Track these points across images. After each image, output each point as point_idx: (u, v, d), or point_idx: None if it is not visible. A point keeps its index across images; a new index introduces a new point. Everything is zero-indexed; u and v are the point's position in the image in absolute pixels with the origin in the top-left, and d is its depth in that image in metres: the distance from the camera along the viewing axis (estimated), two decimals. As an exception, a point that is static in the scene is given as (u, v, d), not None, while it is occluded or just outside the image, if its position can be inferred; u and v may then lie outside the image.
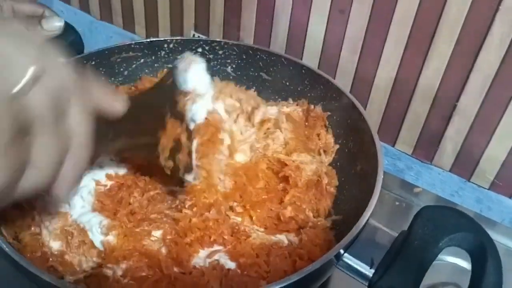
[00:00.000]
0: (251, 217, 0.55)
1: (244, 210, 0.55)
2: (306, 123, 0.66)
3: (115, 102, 0.41)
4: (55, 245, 0.51)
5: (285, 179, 0.58)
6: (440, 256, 0.62)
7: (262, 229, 0.55)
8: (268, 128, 0.63)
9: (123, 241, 0.50)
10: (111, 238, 0.51)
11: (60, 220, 0.52)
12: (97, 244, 0.51)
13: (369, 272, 0.44)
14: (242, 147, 0.60)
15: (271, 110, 0.65)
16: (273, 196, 0.57)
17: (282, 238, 0.54)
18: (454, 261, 0.63)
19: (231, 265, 0.50)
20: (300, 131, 0.64)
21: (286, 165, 0.59)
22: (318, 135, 0.65)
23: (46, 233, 0.51)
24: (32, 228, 0.52)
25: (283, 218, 0.55)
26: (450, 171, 0.75)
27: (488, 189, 0.73)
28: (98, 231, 0.51)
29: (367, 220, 0.47)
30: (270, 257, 0.50)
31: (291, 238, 0.54)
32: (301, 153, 0.60)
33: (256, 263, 0.49)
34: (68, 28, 0.69)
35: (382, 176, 0.50)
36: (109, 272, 0.48)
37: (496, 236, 0.69)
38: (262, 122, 0.63)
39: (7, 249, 0.43)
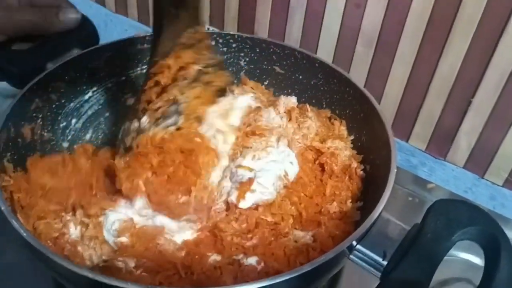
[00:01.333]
0: (300, 215, 0.54)
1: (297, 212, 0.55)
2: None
3: None
4: (74, 232, 0.51)
5: (321, 166, 0.59)
6: (453, 252, 0.62)
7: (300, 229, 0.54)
8: (297, 118, 0.63)
9: (136, 240, 0.50)
10: (124, 239, 0.50)
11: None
12: (110, 242, 0.51)
13: (382, 263, 0.44)
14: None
15: (292, 99, 0.65)
16: (316, 188, 0.57)
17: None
18: (467, 257, 0.63)
19: (252, 260, 0.49)
20: (324, 119, 0.65)
21: (322, 152, 0.59)
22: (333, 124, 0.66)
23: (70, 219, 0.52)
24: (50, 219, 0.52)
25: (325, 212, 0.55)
26: (463, 167, 0.75)
27: (502, 186, 0.73)
28: (111, 232, 0.51)
29: (380, 213, 0.47)
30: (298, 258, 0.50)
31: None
32: (335, 139, 0.61)
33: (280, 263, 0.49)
34: (85, 21, 0.69)
35: (396, 170, 0.50)
36: (121, 264, 0.48)
37: (509, 233, 0.69)
38: (289, 111, 0.63)
39: (24, 234, 0.43)
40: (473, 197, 0.75)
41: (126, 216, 0.52)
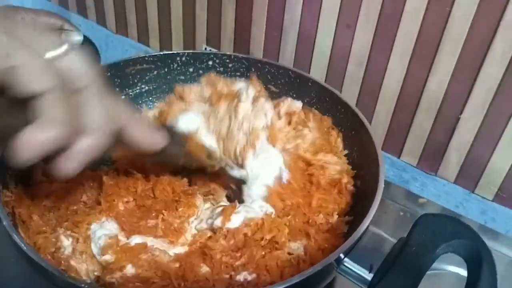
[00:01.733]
0: (289, 224, 0.55)
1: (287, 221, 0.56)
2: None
3: (155, 140, 0.44)
4: (67, 243, 0.53)
5: (309, 177, 0.60)
6: (442, 266, 0.64)
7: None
8: (295, 126, 0.65)
9: (121, 256, 0.51)
10: (108, 257, 0.51)
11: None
12: (98, 258, 0.52)
13: (368, 276, 0.45)
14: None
15: (296, 104, 0.67)
16: (303, 198, 0.59)
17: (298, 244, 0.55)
18: (456, 270, 0.64)
19: (243, 273, 0.50)
20: (324, 129, 0.67)
21: (311, 164, 0.61)
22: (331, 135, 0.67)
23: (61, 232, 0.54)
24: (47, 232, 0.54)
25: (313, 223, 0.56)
26: (454, 182, 0.76)
27: (492, 200, 0.74)
28: (98, 247, 0.52)
29: (367, 227, 0.48)
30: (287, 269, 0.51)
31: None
32: (327, 153, 0.62)
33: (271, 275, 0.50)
34: (86, 41, 0.72)
35: (383, 186, 0.52)
36: (112, 279, 0.49)
37: (500, 248, 0.71)
38: (289, 114, 0.65)
39: (25, 248, 0.45)
40: (464, 212, 0.76)
41: (111, 232, 0.53)
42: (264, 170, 0.59)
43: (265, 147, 0.60)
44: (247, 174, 0.59)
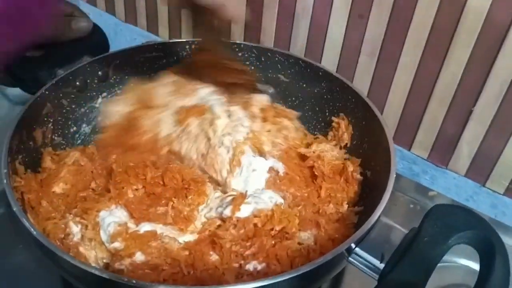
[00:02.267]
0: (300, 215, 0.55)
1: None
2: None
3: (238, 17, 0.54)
4: (77, 233, 0.53)
5: (310, 171, 0.60)
6: (453, 258, 0.64)
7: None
8: (273, 120, 0.64)
9: (130, 243, 0.51)
10: (117, 244, 0.51)
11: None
12: (107, 245, 0.52)
13: (379, 265, 0.45)
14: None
15: (264, 97, 0.66)
16: (311, 190, 0.59)
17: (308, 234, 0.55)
18: (467, 263, 0.64)
19: (253, 262, 0.50)
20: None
21: (307, 157, 0.61)
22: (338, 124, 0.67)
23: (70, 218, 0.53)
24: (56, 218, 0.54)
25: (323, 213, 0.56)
26: (465, 175, 0.75)
27: (503, 194, 0.73)
28: (107, 234, 0.52)
29: (379, 217, 0.48)
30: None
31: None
32: (320, 143, 0.63)
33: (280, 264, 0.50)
34: (95, 29, 0.72)
35: (395, 175, 0.52)
36: (122, 266, 0.49)
37: (510, 241, 0.70)
38: (262, 110, 0.65)
39: (35, 233, 0.45)
40: (475, 205, 0.76)
41: (120, 220, 0.53)
42: (253, 181, 0.59)
43: (250, 159, 0.60)
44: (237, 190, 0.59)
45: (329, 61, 0.80)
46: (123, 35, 1.09)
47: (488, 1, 0.62)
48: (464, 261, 0.63)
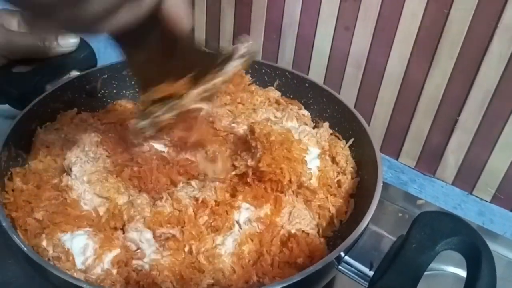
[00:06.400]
0: None
1: None
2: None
3: (183, 19, 0.43)
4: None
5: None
6: (441, 266, 0.64)
7: None
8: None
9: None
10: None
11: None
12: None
13: (369, 273, 0.45)
14: None
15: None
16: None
17: None
18: (455, 271, 0.64)
19: None
20: None
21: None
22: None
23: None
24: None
25: None
26: (452, 184, 0.76)
27: (490, 202, 0.74)
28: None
29: (367, 225, 0.49)
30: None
31: None
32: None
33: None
34: (83, 44, 0.72)
35: (382, 184, 0.52)
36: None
37: (498, 248, 0.71)
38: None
39: (25, 249, 0.45)
40: (462, 213, 0.76)
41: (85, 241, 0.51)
42: None
43: None
44: None
45: (317, 73, 0.81)
46: (112, 49, 1.09)
47: (470, 12, 0.64)
48: (452, 269, 0.64)
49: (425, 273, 0.44)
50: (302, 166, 0.55)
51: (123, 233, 0.53)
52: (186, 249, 0.50)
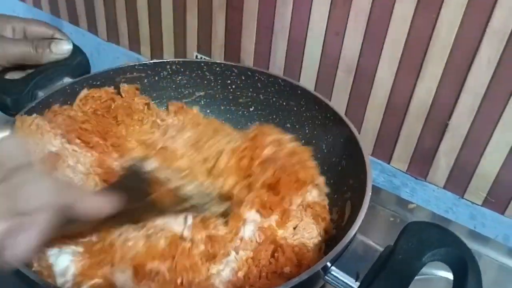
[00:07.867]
0: None
1: None
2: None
3: (104, 205, 0.43)
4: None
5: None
6: (432, 271, 0.64)
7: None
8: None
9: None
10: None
11: None
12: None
13: (354, 284, 0.45)
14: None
15: None
16: None
17: None
18: (446, 275, 0.64)
19: None
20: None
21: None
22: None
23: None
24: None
25: None
26: (444, 187, 0.77)
27: (481, 205, 0.74)
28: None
29: (355, 234, 0.49)
30: None
31: None
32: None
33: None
34: (76, 50, 0.72)
35: (370, 194, 0.53)
36: None
37: (490, 252, 0.71)
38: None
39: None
40: (454, 217, 0.77)
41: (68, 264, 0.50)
42: None
43: None
44: None
45: (308, 79, 0.81)
46: (106, 55, 1.10)
47: (459, 16, 0.64)
48: (441, 273, 0.64)
49: (415, 277, 0.44)
50: None
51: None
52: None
